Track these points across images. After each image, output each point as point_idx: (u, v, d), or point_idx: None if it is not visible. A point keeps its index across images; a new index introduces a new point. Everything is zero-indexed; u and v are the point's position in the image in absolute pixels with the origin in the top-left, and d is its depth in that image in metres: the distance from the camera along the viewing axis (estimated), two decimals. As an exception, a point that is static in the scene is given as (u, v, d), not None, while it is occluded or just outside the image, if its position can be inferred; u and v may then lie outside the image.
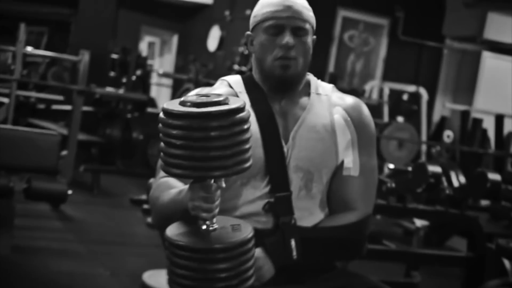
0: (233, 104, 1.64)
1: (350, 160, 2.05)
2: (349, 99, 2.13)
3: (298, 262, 1.95)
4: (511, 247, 3.44)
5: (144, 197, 6.45)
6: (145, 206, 6.42)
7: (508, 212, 5.61)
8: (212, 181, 1.69)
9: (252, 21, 2.10)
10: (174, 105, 1.65)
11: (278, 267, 1.93)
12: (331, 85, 2.17)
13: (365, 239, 2.07)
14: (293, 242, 1.94)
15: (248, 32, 2.11)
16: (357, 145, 2.06)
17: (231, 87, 2.12)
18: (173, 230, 1.72)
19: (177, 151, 1.62)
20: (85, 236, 5.48)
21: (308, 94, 2.11)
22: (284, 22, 2.02)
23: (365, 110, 2.13)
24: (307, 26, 2.04)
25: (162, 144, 1.67)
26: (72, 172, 6.02)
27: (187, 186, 1.81)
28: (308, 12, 2.05)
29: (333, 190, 2.07)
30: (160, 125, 1.66)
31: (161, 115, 1.66)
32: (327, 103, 2.10)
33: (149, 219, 6.05)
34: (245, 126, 1.65)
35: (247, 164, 1.67)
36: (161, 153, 1.67)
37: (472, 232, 4.23)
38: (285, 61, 2.02)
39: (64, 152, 5.85)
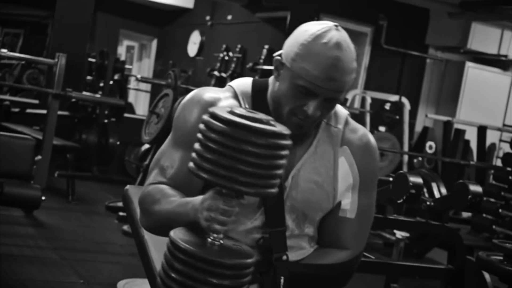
0: (281, 129, 1.66)
1: (348, 202, 2.00)
2: (359, 136, 2.03)
3: None
4: (491, 260, 3.46)
5: (120, 204, 6.43)
6: (121, 214, 6.41)
7: (489, 225, 5.66)
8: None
9: (288, 56, 1.86)
10: (224, 112, 1.64)
11: None
12: (345, 113, 2.05)
13: (353, 275, 2.07)
14: (282, 280, 1.92)
15: (278, 58, 1.90)
16: (358, 187, 2.00)
17: (237, 99, 2.00)
18: (179, 235, 1.70)
19: (216, 157, 1.61)
20: (59, 243, 5.46)
21: (318, 122, 1.98)
22: (319, 92, 1.83)
23: (374, 148, 2.05)
24: (343, 95, 1.89)
25: (199, 146, 1.65)
26: (47, 177, 5.98)
27: (192, 199, 1.79)
28: (351, 78, 1.85)
29: (325, 228, 2.03)
30: (203, 127, 1.65)
31: (209, 118, 1.64)
32: (335, 140, 2.01)
33: (125, 227, 6.04)
34: (285, 153, 1.66)
35: (274, 190, 1.68)
36: (196, 155, 1.66)
37: (452, 244, 4.25)
38: (301, 122, 1.88)
39: (38, 157, 5.81)
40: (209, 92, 1.99)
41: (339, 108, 2.04)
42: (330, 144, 2.00)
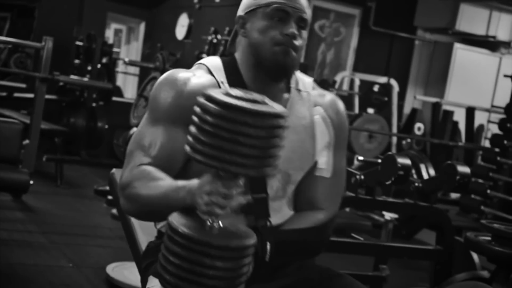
0: (278, 109, 1.65)
1: (324, 161, 2.05)
2: (329, 98, 2.12)
3: (268, 264, 1.93)
4: (479, 240, 3.48)
5: (108, 188, 6.41)
6: (110, 197, 6.40)
7: (478, 206, 5.68)
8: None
9: (249, 3, 2.03)
10: (220, 95, 1.62)
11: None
12: (310, 80, 2.15)
13: (329, 238, 2.10)
14: (268, 246, 1.92)
15: (241, 14, 2.04)
16: (333, 146, 2.07)
17: (211, 73, 2.03)
18: (179, 221, 1.67)
19: (215, 141, 1.59)
20: (48, 227, 5.45)
21: (288, 89, 2.07)
22: (290, 11, 1.98)
23: (343, 110, 2.13)
24: (308, 20, 2.03)
25: (196, 130, 1.62)
26: (35, 162, 5.95)
27: (186, 183, 1.77)
28: (308, 7, 2.05)
29: (302, 188, 2.06)
30: (199, 110, 1.62)
31: (205, 101, 1.61)
32: (308, 102, 2.08)
33: (114, 211, 6.03)
34: (283, 132, 1.66)
35: (273, 169, 1.67)
36: (192, 139, 1.63)
37: (441, 225, 4.27)
38: (287, 48, 1.97)
39: (26, 141, 5.78)
40: (182, 72, 2.01)
41: (303, 75, 2.14)
42: (304, 106, 2.07)
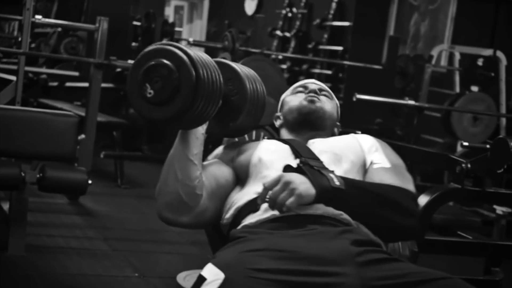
0: None
1: (378, 157, 2.44)
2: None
3: (342, 195, 2.15)
4: None
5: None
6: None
7: None
8: None
9: (285, 94, 2.72)
10: None
11: (318, 190, 2.12)
12: None
13: (415, 211, 2.32)
14: (331, 175, 2.19)
15: (277, 113, 2.69)
16: (382, 151, 2.48)
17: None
18: None
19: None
20: (109, 232, 5.54)
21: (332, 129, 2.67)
22: (309, 85, 2.66)
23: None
24: (328, 93, 2.67)
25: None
26: (92, 159, 6.06)
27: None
28: (325, 87, 2.69)
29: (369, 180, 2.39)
30: None
31: None
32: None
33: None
34: None
35: None
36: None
37: None
38: (312, 98, 2.58)
39: (82, 136, 5.88)
40: None
41: None
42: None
